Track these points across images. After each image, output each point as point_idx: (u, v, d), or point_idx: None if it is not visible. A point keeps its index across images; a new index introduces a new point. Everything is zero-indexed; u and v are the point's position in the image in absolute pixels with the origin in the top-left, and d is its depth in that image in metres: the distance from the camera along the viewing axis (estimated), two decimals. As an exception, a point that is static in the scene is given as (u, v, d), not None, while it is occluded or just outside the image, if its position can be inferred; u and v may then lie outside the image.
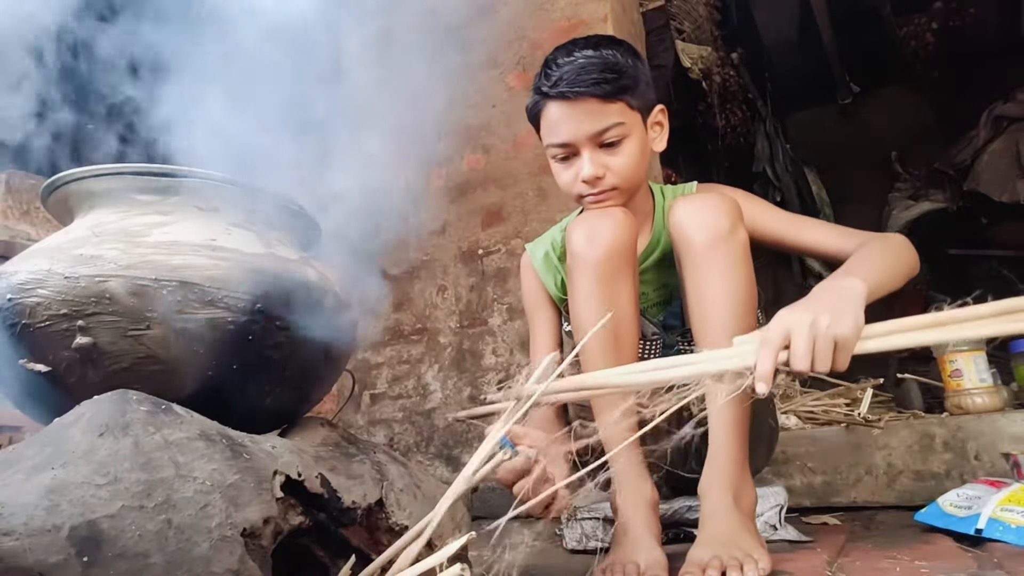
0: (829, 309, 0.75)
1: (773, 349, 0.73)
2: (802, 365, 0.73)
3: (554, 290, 1.23)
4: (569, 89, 1.03)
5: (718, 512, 0.91)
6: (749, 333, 0.78)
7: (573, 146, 1.06)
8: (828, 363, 0.74)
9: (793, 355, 0.73)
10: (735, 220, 0.97)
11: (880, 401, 2.03)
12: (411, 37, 1.23)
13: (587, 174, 1.05)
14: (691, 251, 0.97)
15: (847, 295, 0.80)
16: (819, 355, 0.73)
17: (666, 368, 0.72)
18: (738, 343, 0.76)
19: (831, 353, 0.73)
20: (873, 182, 4.12)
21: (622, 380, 0.72)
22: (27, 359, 0.72)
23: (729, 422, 0.94)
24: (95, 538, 0.53)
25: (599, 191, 1.07)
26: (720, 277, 0.94)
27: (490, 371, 2.13)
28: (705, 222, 0.97)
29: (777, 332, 0.74)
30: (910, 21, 3.80)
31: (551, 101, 1.06)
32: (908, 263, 1.00)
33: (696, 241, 0.97)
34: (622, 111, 1.04)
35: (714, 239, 0.95)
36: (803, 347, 0.73)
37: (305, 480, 0.71)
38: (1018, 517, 0.95)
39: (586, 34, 1.20)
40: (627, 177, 1.07)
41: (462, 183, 2.31)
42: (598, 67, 1.02)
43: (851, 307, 0.77)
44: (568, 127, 1.05)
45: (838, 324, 0.74)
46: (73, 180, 0.81)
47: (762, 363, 0.71)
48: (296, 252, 0.90)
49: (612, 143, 1.05)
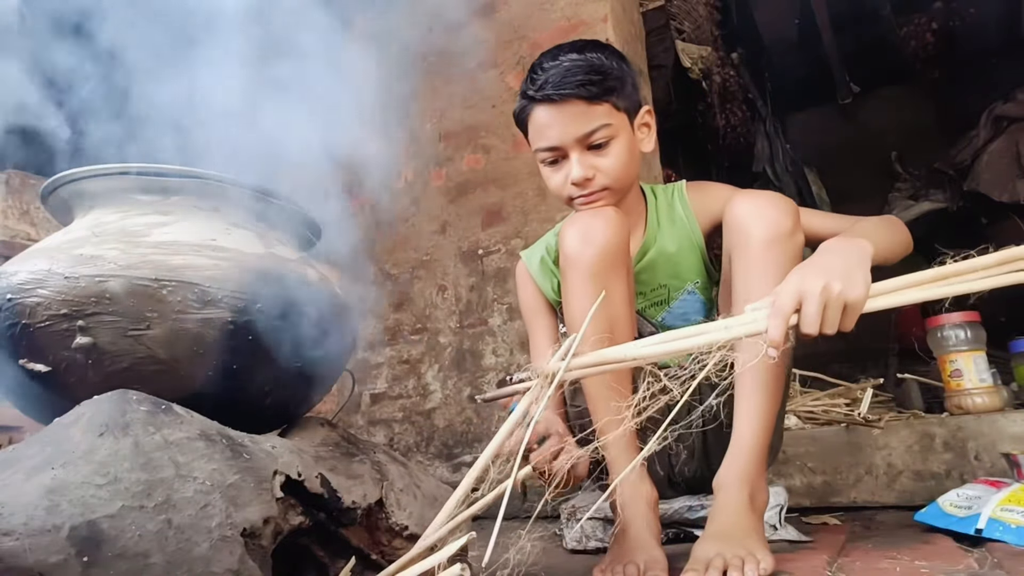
0: (839, 272, 0.76)
1: (784, 315, 0.73)
2: (812, 329, 0.74)
3: (551, 294, 1.23)
4: (555, 92, 1.03)
5: (730, 507, 0.91)
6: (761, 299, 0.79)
7: (561, 149, 1.06)
8: (836, 326, 0.75)
9: (803, 319, 0.74)
10: (796, 221, 0.97)
11: (880, 401, 2.03)
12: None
13: (576, 176, 1.05)
14: (749, 246, 0.97)
15: (855, 256, 0.80)
16: (829, 319, 0.75)
17: (683, 338, 0.74)
18: (750, 310, 0.77)
19: (839, 317, 0.75)
20: (873, 182, 4.12)
21: (642, 352, 0.73)
22: (27, 359, 0.72)
23: (756, 419, 0.94)
24: (95, 538, 0.53)
25: (589, 192, 1.07)
26: (776, 276, 0.93)
27: (490, 371, 2.13)
28: (769, 219, 0.96)
29: (789, 297, 0.75)
30: (910, 21, 3.80)
31: (537, 105, 1.06)
32: (904, 239, 1.02)
33: (757, 237, 0.96)
34: (608, 112, 1.05)
35: (775, 237, 0.95)
36: (814, 313, 0.74)
37: (305, 480, 0.71)
38: (1018, 517, 0.95)
39: (586, 34, 1.20)
40: (616, 178, 1.07)
41: (462, 183, 2.31)
42: (583, 69, 1.03)
43: (860, 268, 0.77)
44: (555, 130, 1.05)
45: (849, 289, 0.75)
46: (73, 180, 0.81)
47: (773, 329, 0.72)
48: (296, 252, 0.90)
49: (600, 145, 1.05)
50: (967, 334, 1.59)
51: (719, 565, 0.83)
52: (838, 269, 0.77)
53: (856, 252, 0.81)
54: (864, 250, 0.82)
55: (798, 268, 0.80)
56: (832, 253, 0.82)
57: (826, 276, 0.76)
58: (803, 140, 4.32)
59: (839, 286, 0.75)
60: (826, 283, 0.75)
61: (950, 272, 0.72)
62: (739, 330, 0.73)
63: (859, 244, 0.83)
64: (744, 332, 0.73)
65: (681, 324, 1.19)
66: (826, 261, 0.80)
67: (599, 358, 0.75)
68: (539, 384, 0.73)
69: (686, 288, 1.18)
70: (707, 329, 0.74)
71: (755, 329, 0.73)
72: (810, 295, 0.74)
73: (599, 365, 0.75)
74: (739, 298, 0.98)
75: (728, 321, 0.75)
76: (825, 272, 0.76)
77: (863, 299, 0.75)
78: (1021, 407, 1.62)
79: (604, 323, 0.98)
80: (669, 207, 1.20)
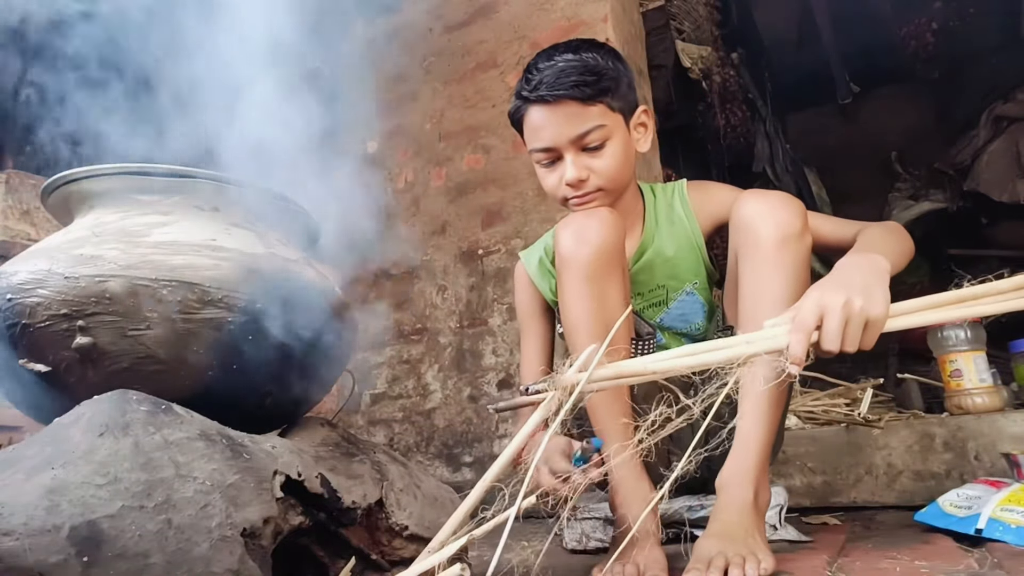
0: (859, 288, 0.75)
1: (806, 332, 0.73)
2: (833, 346, 0.73)
3: (549, 295, 1.23)
4: (549, 92, 1.03)
5: (733, 506, 0.91)
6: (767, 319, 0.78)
7: (556, 150, 1.06)
8: (857, 344, 0.74)
9: (824, 336, 0.73)
10: (805, 223, 0.97)
11: (880, 401, 2.03)
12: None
13: (570, 177, 1.05)
14: (759, 247, 0.96)
15: (874, 273, 0.79)
16: (850, 336, 0.74)
17: (702, 352, 0.73)
18: (769, 325, 0.76)
19: (860, 334, 0.74)
20: (873, 182, 4.12)
21: (660, 367, 0.73)
22: (27, 359, 0.72)
23: (761, 418, 0.93)
24: (95, 538, 0.53)
25: (583, 193, 1.07)
26: (785, 277, 0.93)
27: (490, 371, 2.13)
28: (779, 219, 0.95)
29: (810, 314, 0.74)
30: (910, 21, 3.80)
31: (532, 105, 1.06)
32: (908, 247, 1.02)
33: (766, 237, 0.95)
34: (603, 113, 1.05)
35: (785, 238, 0.94)
36: (835, 329, 0.73)
37: (305, 480, 0.71)
38: (1018, 517, 0.95)
39: (586, 34, 1.20)
40: (611, 179, 1.07)
41: (462, 183, 2.31)
42: (577, 70, 1.03)
43: (879, 285, 0.77)
44: (549, 131, 1.05)
45: (870, 305, 0.74)
46: (73, 180, 0.81)
47: (794, 346, 0.71)
48: (296, 252, 0.90)
49: (594, 146, 1.05)
50: (967, 334, 1.59)
51: (720, 563, 0.83)
52: (858, 285, 0.76)
53: (875, 269, 0.80)
54: (882, 267, 0.81)
55: (818, 284, 0.79)
56: (850, 269, 0.82)
57: (847, 292, 0.75)
58: (803, 140, 4.32)
59: (860, 302, 0.74)
60: (848, 299, 0.74)
61: (968, 296, 0.72)
62: (761, 345, 0.72)
63: (876, 260, 0.83)
64: (766, 348, 0.72)
65: (680, 325, 1.19)
66: (846, 277, 0.79)
67: (618, 371, 0.73)
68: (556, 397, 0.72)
69: (684, 289, 1.18)
70: (728, 344, 0.73)
71: (777, 345, 0.72)
72: (831, 311, 0.73)
73: (619, 378, 0.74)
74: (748, 299, 0.98)
75: (750, 336, 0.75)
76: (846, 288, 0.75)
77: (884, 316, 0.74)
78: (1021, 407, 1.62)
79: (600, 324, 0.98)
80: (668, 207, 1.20)
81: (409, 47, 2.51)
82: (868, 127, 4.36)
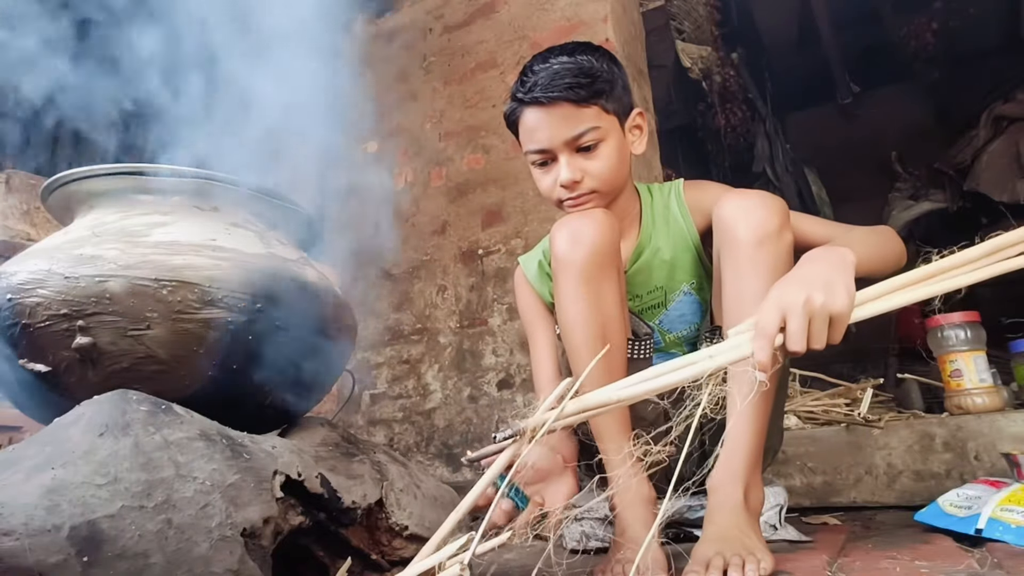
0: (820, 284, 0.74)
1: (769, 336, 0.72)
2: (799, 347, 0.72)
3: (549, 299, 1.23)
4: (543, 94, 1.03)
5: (725, 508, 0.91)
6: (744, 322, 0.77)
7: (550, 152, 1.07)
8: (824, 340, 0.73)
9: (789, 338, 0.72)
10: (784, 220, 0.96)
11: (880, 401, 2.03)
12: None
13: (564, 179, 1.06)
14: (737, 248, 0.96)
15: (837, 264, 0.78)
16: (815, 334, 0.73)
17: (666, 373, 0.71)
18: (733, 334, 0.75)
19: (826, 330, 0.73)
20: (873, 182, 4.11)
21: (625, 394, 0.71)
22: (27, 359, 0.72)
23: (749, 419, 0.93)
24: (95, 538, 0.53)
25: (578, 195, 1.07)
26: (764, 276, 0.92)
27: (490, 371, 2.13)
28: (755, 219, 0.95)
29: (771, 317, 0.73)
30: (910, 21, 3.80)
31: (527, 107, 1.07)
32: (896, 250, 1.01)
33: (743, 238, 0.95)
34: (597, 115, 1.05)
35: (762, 238, 0.94)
36: (799, 329, 0.72)
37: (305, 480, 0.71)
38: (1018, 517, 0.95)
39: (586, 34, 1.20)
40: (606, 180, 1.07)
41: (462, 183, 2.31)
42: (572, 72, 1.03)
43: (842, 278, 0.75)
44: (544, 133, 1.06)
45: (832, 300, 0.73)
46: (73, 180, 0.81)
47: (759, 352, 0.71)
48: (296, 252, 0.90)
49: (588, 147, 1.05)
50: (967, 334, 1.59)
51: (719, 565, 0.83)
52: (819, 280, 0.75)
53: (837, 260, 0.79)
54: (845, 258, 0.80)
55: (777, 284, 0.78)
56: (811, 263, 0.81)
57: (807, 289, 0.73)
58: (803, 140, 4.31)
59: (821, 297, 0.72)
60: (808, 296, 0.73)
61: (936, 270, 0.69)
62: (724, 358, 0.71)
63: (839, 252, 0.81)
64: (730, 359, 0.71)
65: (679, 326, 1.19)
66: (805, 273, 0.78)
67: (581, 405, 0.72)
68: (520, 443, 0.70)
69: (682, 289, 1.18)
70: (692, 360, 0.72)
71: (741, 354, 0.71)
72: (792, 310, 0.72)
73: (583, 412, 0.72)
74: (730, 299, 0.98)
75: (712, 349, 0.73)
76: (805, 284, 0.74)
77: (848, 308, 0.73)
78: (1021, 407, 1.62)
79: (596, 326, 0.98)
80: (665, 207, 1.20)
81: (409, 47, 2.51)
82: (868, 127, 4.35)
